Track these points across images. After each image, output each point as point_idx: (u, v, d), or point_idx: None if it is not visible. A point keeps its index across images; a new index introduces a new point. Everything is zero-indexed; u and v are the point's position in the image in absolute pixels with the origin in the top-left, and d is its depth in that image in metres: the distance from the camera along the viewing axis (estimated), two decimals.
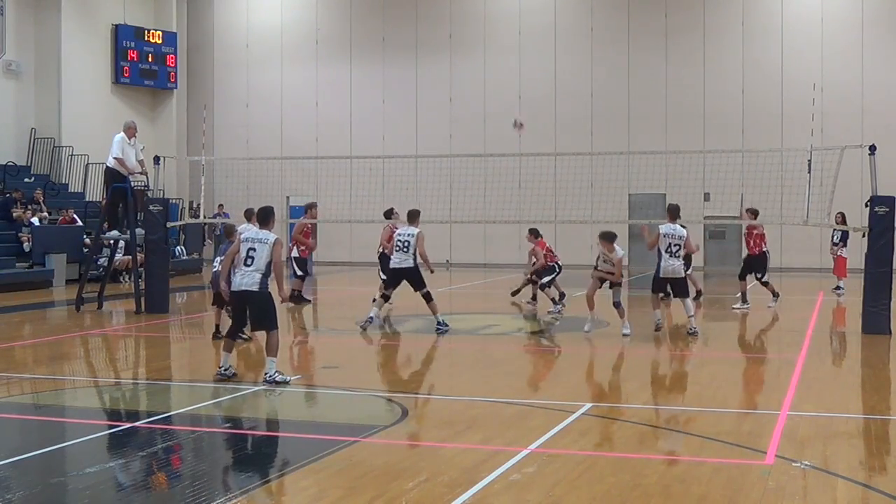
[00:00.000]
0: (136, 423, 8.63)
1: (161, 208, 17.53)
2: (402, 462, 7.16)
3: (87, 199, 28.24)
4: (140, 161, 17.77)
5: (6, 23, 28.02)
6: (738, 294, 18.38)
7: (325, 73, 33.32)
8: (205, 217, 23.55)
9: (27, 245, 23.56)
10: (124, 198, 17.57)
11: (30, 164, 28.74)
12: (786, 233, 27.31)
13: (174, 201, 28.24)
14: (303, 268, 18.88)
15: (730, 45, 29.93)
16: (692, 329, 14.02)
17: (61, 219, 25.44)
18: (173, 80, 32.73)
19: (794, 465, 6.99)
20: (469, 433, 8.05)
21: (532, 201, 26.61)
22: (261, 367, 10.91)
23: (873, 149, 14.54)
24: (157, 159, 18.39)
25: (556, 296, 17.80)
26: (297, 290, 18.47)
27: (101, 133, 25.58)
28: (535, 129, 30.84)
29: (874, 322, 14.08)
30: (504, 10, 31.66)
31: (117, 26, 31.28)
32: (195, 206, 24.32)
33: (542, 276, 17.90)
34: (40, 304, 19.44)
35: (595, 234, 15.25)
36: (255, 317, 10.43)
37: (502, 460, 7.05)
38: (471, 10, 32.02)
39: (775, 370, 12.04)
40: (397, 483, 6.54)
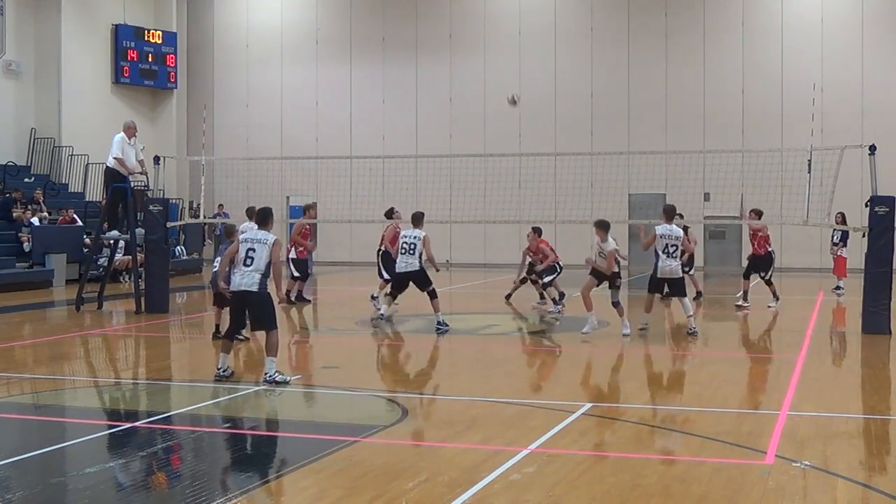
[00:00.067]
0: (136, 423, 8.63)
1: (161, 208, 17.53)
2: (402, 462, 7.16)
3: (87, 199, 28.24)
4: (140, 161, 17.78)
5: (6, 23, 28.02)
6: (738, 293, 18.39)
7: (325, 73, 33.32)
8: (205, 217, 23.56)
9: (27, 245, 23.56)
10: (124, 198, 17.58)
11: (30, 164, 28.74)
12: (786, 233, 27.29)
13: (174, 201, 28.24)
14: (300, 269, 18.83)
15: (730, 45, 29.93)
16: (692, 329, 14.02)
17: (61, 219, 25.43)
18: (173, 80, 32.72)
19: (794, 465, 6.99)
20: (469, 433, 8.05)
21: (532, 201, 26.63)
22: (260, 367, 10.91)
23: (873, 149, 14.54)
24: (157, 159, 18.39)
25: (556, 296, 17.77)
26: (289, 291, 18.43)
27: (101, 133, 25.58)
28: (535, 129, 30.92)
29: (874, 322, 14.08)
30: (504, 10, 31.66)
31: (117, 26, 31.28)
32: (195, 206, 24.31)
33: (543, 276, 17.89)
34: (40, 304, 19.44)
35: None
36: (255, 317, 10.44)
37: (502, 460, 7.05)
38: (471, 10, 32.02)
39: (775, 370, 12.03)
40: (397, 483, 6.54)
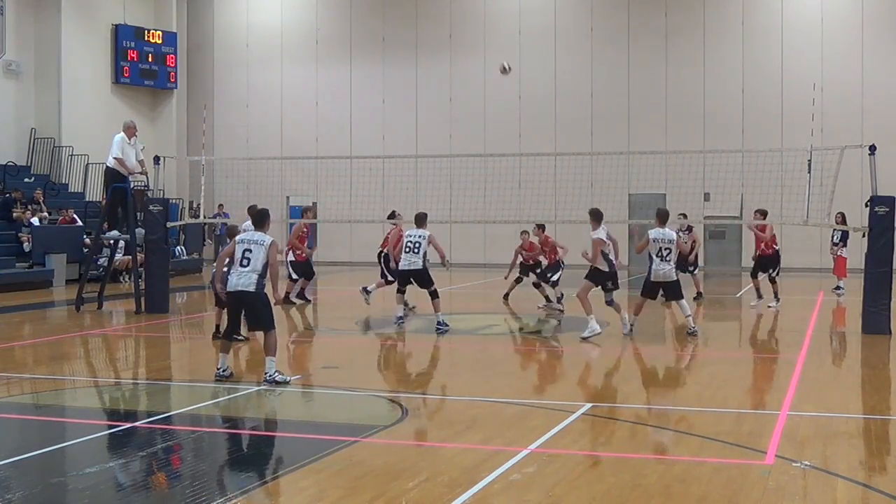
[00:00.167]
0: (136, 423, 8.63)
1: (161, 208, 17.53)
2: (402, 462, 7.16)
3: (87, 199, 28.25)
4: (140, 161, 17.79)
5: (6, 23, 28.03)
6: (737, 294, 18.39)
7: (325, 73, 33.32)
8: (205, 217, 23.56)
9: (27, 245, 23.56)
10: (124, 198, 17.58)
11: (30, 164, 28.75)
12: (786, 233, 27.25)
13: (174, 201, 28.25)
14: (303, 270, 18.81)
15: (730, 45, 29.93)
16: (691, 329, 14.01)
17: (61, 219, 25.43)
18: (173, 80, 32.73)
19: (794, 465, 6.98)
20: (469, 433, 8.05)
21: (532, 201, 26.63)
22: (260, 367, 10.90)
23: (873, 149, 14.53)
24: (157, 159, 18.39)
25: (551, 294, 17.97)
26: (289, 292, 18.45)
27: (101, 133, 25.59)
28: (535, 129, 30.92)
29: (874, 322, 14.08)
30: (504, 10, 31.66)
31: (117, 26, 31.29)
32: (195, 206, 24.32)
33: (549, 275, 17.99)
34: (40, 304, 19.44)
35: None
36: (252, 317, 10.46)
37: (502, 460, 7.05)
38: (471, 10, 32.02)
39: (775, 370, 12.03)
40: (397, 483, 6.54)
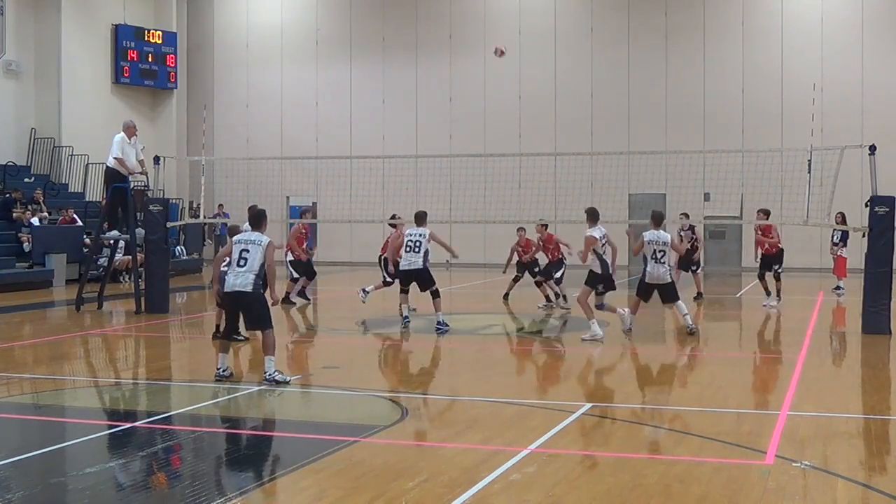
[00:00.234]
0: (136, 423, 8.63)
1: (161, 208, 17.53)
2: (402, 462, 7.15)
3: (87, 199, 28.25)
4: (140, 161, 17.79)
5: (6, 23, 28.03)
6: (737, 294, 18.38)
7: (325, 73, 33.32)
8: (205, 217, 23.57)
9: (27, 245, 23.56)
10: (124, 198, 17.58)
11: (30, 164, 28.74)
12: (786, 233, 27.09)
13: (174, 201, 28.24)
14: (300, 270, 18.83)
15: (730, 45, 29.93)
16: (690, 327, 14.01)
17: (61, 219, 25.43)
18: (173, 80, 32.73)
19: (794, 465, 6.98)
20: (469, 433, 8.05)
21: (532, 201, 26.61)
22: (260, 367, 10.89)
23: (873, 149, 14.53)
24: (157, 159, 18.39)
25: (551, 293, 18.11)
26: (289, 292, 18.50)
27: (101, 133, 25.59)
28: (535, 129, 30.92)
29: (874, 322, 14.07)
30: (504, 10, 31.65)
31: (117, 26, 31.29)
32: (195, 206, 24.33)
33: (552, 273, 18.08)
34: (40, 304, 19.44)
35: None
36: (249, 317, 10.46)
37: (502, 460, 7.05)
38: (471, 10, 32.02)
39: (775, 370, 12.03)
40: (397, 483, 6.54)
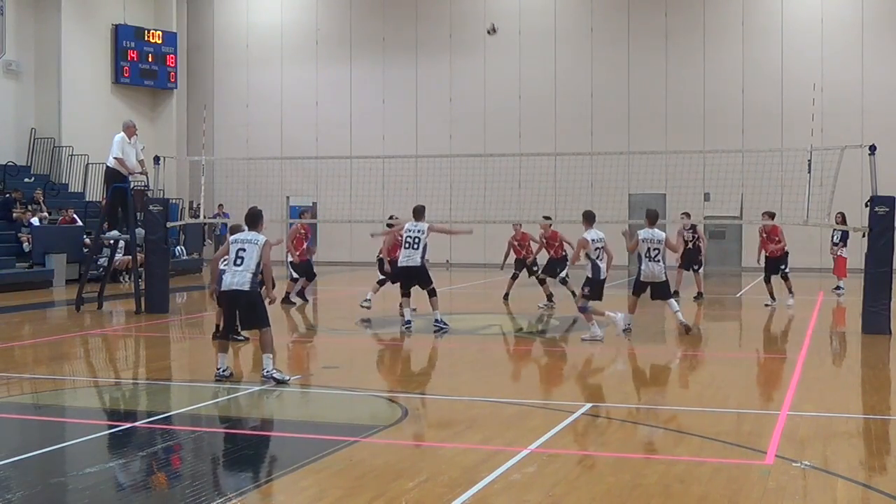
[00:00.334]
0: (136, 423, 8.63)
1: (161, 208, 17.53)
2: (402, 462, 7.15)
3: (87, 199, 28.25)
4: (140, 161, 17.80)
5: (6, 23, 28.03)
6: (737, 294, 18.38)
7: (325, 73, 33.32)
8: (205, 217, 23.56)
9: (27, 245, 23.56)
10: (124, 198, 17.58)
11: (30, 164, 28.74)
12: (786, 233, 27.21)
13: (174, 201, 28.25)
14: (299, 271, 18.84)
15: (730, 45, 29.93)
16: (684, 323, 14.01)
17: (61, 219, 25.43)
18: (173, 80, 32.73)
19: (794, 465, 6.98)
20: (469, 433, 8.05)
21: (532, 201, 26.57)
22: (260, 367, 10.90)
23: (873, 149, 14.53)
24: (157, 159, 18.40)
25: (550, 293, 18.32)
26: (289, 292, 18.52)
27: (101, 133, 25.59)
28: (535, 129, 30.92)
29: (874, 322, 14.07)
30: (504, 10, 31.65)
31: (117, 26, 31.29)
32: (195, 206, 24.32)
33: (558, 271, 18.20)
34: (40, 304, 19.44)
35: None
36: (246, 316, 10.45)
37: (502, 460, 7.05)
38: (471, 10, 32.01)
39: (775, 370, 12.03)
40: (397, 483, 6.53)
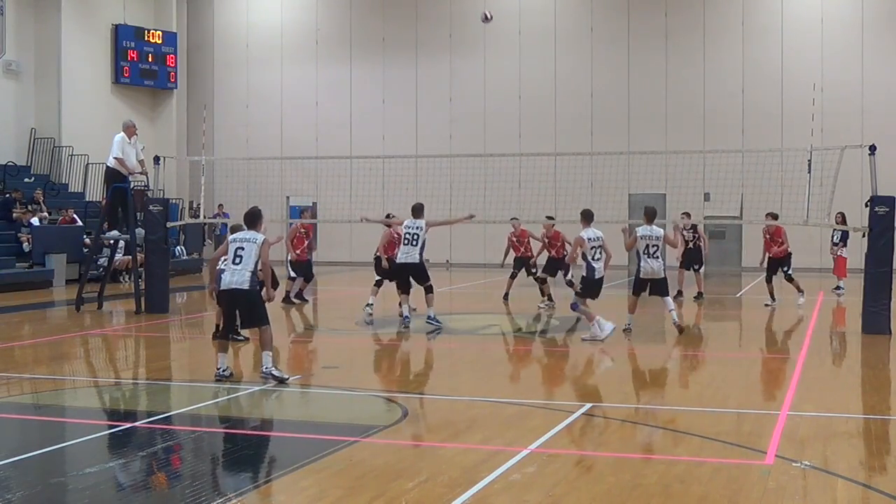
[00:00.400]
0: (136, 423, 8.63)
1: (161, 208, 17.53)
2: (402, 462, 7.16)
3: (87, 199, 28.24)
4: (140, 161, 17.80)
5: (6, 23, 28.02)
6: (737, 294, 18.38)
7: (325, 73, 33.32)
8: (205, 217, 23.56)
9: (27, 245, 23.55)
10: (124, 198, 17.58)
11: (30, 164, 28.74)
12: (786, 233, 27.27)
13: (174, 201, 28.24)
14: (298, 270, 18.85)
15: (730, 45, 29.93)
16: (675, 322, 14.01)
17: (61, 219, 25.43)
18: (173, 80, 32.72)
19: (794, 465, 6.98)
20: (469, 433, 8.05)
21: (532, 201, 26.55)
22: (260, 367, 10.90)
23: (873, 149, 14.53)
24: (157, 159, 18.40)
25: (550, 293, 18.35)
26: (289, 291, 18.53)
27: (101, 133, 25.59)
28: (535, 129, 30.91)
29: (874, 322, 14.07)
30: (504, 10, 31.61)
31: (117, 26, 31.28)
32: (195, 206, 24.31)
33: (565, 273, 18.21)
34: (40, 304, 19.44)
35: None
36: (245, 314, 10.46)
37: (502, 460, 7.05)
38: (471, 10, 31.95)
39: (775, 370, 12.03)
40: (397, 483, 6.53)
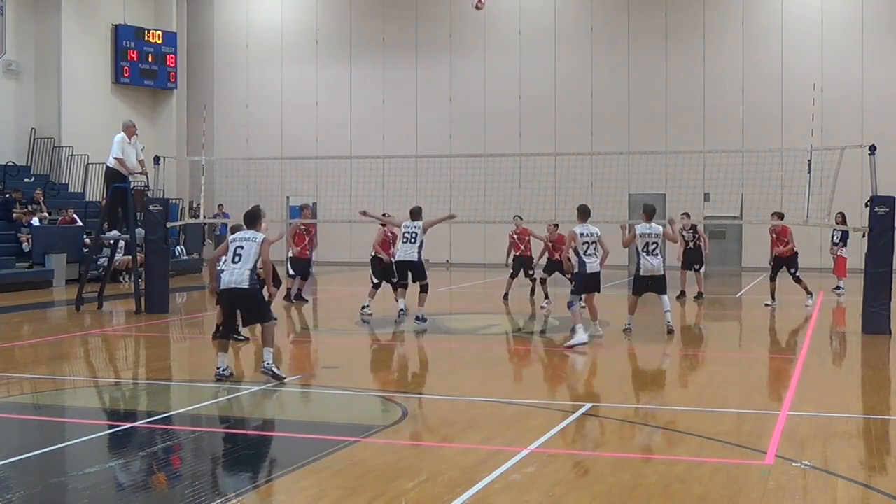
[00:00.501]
0: (136, 423, 8.63)
1: (161, 208, 17.53)
2: (402, 462, 7.16)
3: (87, 199, 28.24)
4: (140, 161, 17.80)
5: (6, 23, 28.02)
6: (737, 294, 18.38)
7: (325, 73, 33.31)
8: (205, 217, 23.56)
9: (27, 245, 23.55)
10: (124, 198, 17.58)
11: (30, 164, 28.73)
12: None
13: (174, 201, 28.23)
14: (296, 268, 18.85)
15: (730, 45, 29.92)
16: (668, 324, 14.01)
17: (61, 219, 25.42)
18: (173, 80, 32.72)
19: (794, 465, 6.98)
20: (469, 433, 8.05)
21: (532, 201, 26.57)
22: (260, 367, 10.90)
23: (873, 149, 14.53)
24: (157, 159, 18.40)
25: (547, 292, 18.42)
26: (290, 289, 18.55)
27: (101, 133, 25.59)
28: (535, 129, 30.91)
29: (874, 322, 14.07)
30: (504, 10, 31.63)
31: (117, 26, 31.28)
32: (195, 206, 24.31)
33: (555, 271, 18.29)
34: (40, 304, 19.43)
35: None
36: (247, 312, 10.46)
37: (502, 460, 7.05)
38: (471, 10, 31.62)
39: (775, 370, 12.03)
40: (397, 483, 6.53)
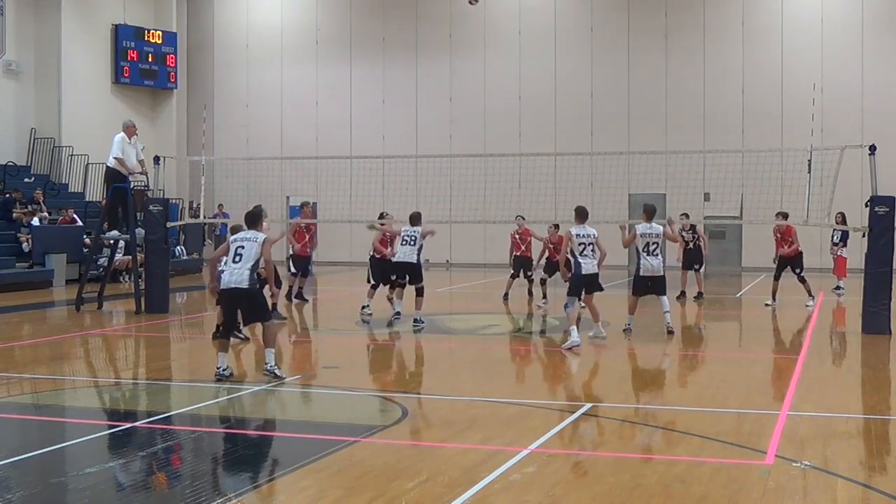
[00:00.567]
0: (136, 423, 8.63)
1: (161, 208, 17.53)
2: (402, 462, 7.16)
3: (87, 199, 28.23)
4: (140, 161, 17.80)
5: (6, 23, 28.02)
6: (737, 294, 18.39)
7: (325, 73, 33.31)
8: (205, 217, 23.56)
9: (27, 245, 23.55)
10: (124, 198, 17.58)
11: (30, 164, 28.73)
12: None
13: (174, 201, 28.23)
14: (297, 266, 18.85)
15: (730, 45, 29.92)
16: (668, 325, 14.02)
17: (61, 219, 25.42)
18: (173, 80, 32.72)
19: (794, 465, 6.98)
20: (469, 433, 8.05)
21: (532, 201, 26.55)
22: (260, 367, 10.91)
23: (873, 149, 14.53)
24: (157, 159, 18.40)
25: (545, 292, 18.61)
26: (291, 286, 18.57)
27: (101, 133, 25.59)
28: (535, 129, 30.92)
29: (874, 322, 14.07)
30: (504, 10, 31.64)
31: (117, 26, 31.28)
32: (195, 206, 24.31)
33: (554, 272, 18.36)
34: (40, 304, 19.43)
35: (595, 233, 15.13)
36: (247, 311, 10.47)
37: (502, 460, 7.05)
38: (471, 10, 31.90)
39: (775, 370, 12.03)
40: (397, 483, 6.54)
